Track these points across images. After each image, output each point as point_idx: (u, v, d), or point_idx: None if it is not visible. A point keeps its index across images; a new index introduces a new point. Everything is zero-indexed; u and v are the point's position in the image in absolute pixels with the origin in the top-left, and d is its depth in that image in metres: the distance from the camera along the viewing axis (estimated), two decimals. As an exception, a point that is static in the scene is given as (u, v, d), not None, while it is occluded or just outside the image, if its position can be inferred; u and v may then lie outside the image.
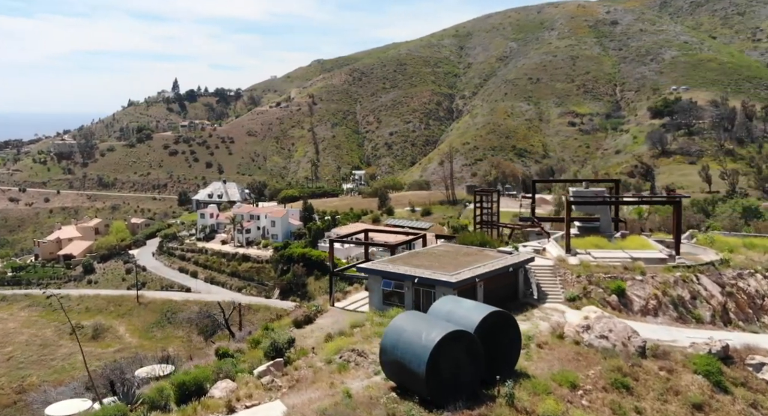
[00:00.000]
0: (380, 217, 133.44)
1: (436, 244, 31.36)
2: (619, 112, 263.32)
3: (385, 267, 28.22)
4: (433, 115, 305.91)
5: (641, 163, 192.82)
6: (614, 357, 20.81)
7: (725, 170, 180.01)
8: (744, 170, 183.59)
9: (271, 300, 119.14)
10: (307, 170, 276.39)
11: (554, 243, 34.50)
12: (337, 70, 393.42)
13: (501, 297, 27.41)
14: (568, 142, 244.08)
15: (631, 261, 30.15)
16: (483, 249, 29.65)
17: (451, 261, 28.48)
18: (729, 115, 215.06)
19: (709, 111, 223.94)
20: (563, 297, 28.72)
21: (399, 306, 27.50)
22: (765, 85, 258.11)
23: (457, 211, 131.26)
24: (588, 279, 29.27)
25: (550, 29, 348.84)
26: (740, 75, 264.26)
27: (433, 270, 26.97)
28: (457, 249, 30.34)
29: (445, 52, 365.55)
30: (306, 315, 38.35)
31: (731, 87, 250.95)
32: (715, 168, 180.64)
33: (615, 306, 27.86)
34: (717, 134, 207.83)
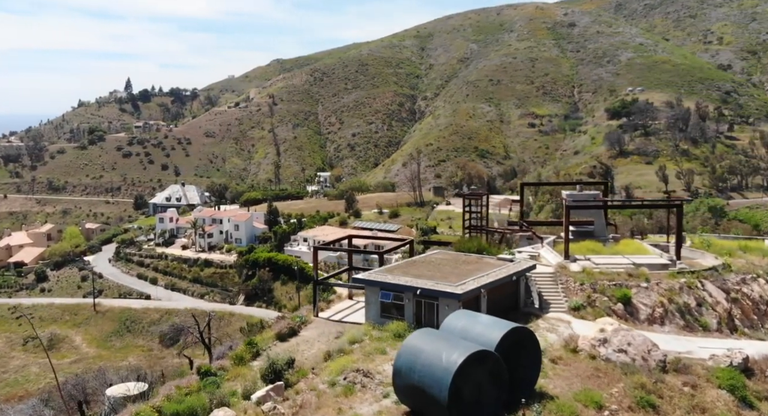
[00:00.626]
0: (347, 220, 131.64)
1: (433, 252, 30.02)
2: (577, 113, 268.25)
3: (384, 278, 26.61)
4: (395, 116, 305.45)
5: (600, 163, 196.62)
6: (636, 373, 19.81)
7: (681, 170, 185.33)
8: (699, 170, 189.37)
9: (236, 306, 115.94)
10: (269, 172, 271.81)
11: (548, 248, 33.56)
12: (297, 70, 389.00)
13: (503, 307, 26.23)
14: (529, 143, 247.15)
15: (634, 267, 29.39)
16: (482, 257, 28.47)
17: (452, 271, 27.12)
18: (683, 116, 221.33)
19: (664, 112, 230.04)
20: (566, 307, 27.74)
21: (399, 319, 25.96)
22: (716, 86, 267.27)
23: (425, 213, 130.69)
24: (592, 287, 28.37)
25: (510, 31, 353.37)
26: (693, 76, 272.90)
27: (435, 280, 25.52)
28: (455, 257, 29.03)
29: (406, 53, 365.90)
30: (290, 327, 36.33)
31: (685, 88, 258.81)
32: (672, 168, 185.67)
33: (621, 315, 26.96)
34: (672, 135, 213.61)
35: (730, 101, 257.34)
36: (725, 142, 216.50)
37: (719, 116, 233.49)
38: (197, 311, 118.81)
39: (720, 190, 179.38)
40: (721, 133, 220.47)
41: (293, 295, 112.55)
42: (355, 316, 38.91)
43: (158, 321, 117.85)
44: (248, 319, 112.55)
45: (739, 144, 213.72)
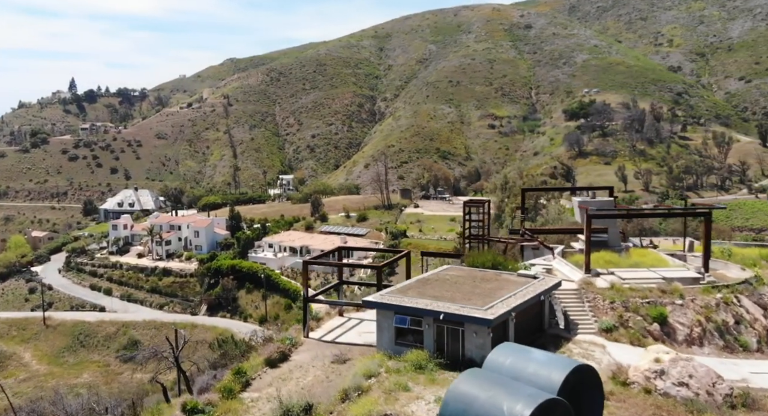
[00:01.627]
0: (314, 224, 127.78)
1: (445, 268, 27.24)
2: (535, 115, 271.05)
3: (399, 301, 23.56)
4: (355, 117, 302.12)
5: (561, 164, 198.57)
6: (705, 412, 17.52)
7: (639, 170, 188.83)
8: (656, 170, 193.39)
9: (198, 317, 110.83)
10: (226, 174, 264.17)
11: (562, 261, 31.29)
12: (252, 70, 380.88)
13: (527, 329, 23.70)
14: (489, 144, 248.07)
15: (665, 282, 27.27)
16: (500, 273, 25.95)
17: (472, 290, 24.38)
18: (639, 117, 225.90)
19: (620, 113, 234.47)
20: (596, 328, 25.32)
21: (417, 347, 23.01)
22: (668, 87, 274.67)
23: (394, 216, 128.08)
24: (623, 306, 25.98)
25: (467, 32, 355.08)
26: (646, 78, 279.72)
27: (459, 303, 22.70)
28: (471, 274, 26.35)
29: (365, 53, 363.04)
30: (281, 351, 32.88)
31: (638, 89, 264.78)
32: (630, 168, 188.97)
33: (657, 337, 24.77)
34: (629, 135, 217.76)
35: (681, 102, 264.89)
36: (679, 142, 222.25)
37: (673, 117, 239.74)
38: (157, 323, 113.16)
39: (677, 190, 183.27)
40: (674, 133, 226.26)
41: (259, 304, 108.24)
42: (349, 336, 35.77)
43: (114, 334, 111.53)
44: (212, 330, 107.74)
45: (692, 144, 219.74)
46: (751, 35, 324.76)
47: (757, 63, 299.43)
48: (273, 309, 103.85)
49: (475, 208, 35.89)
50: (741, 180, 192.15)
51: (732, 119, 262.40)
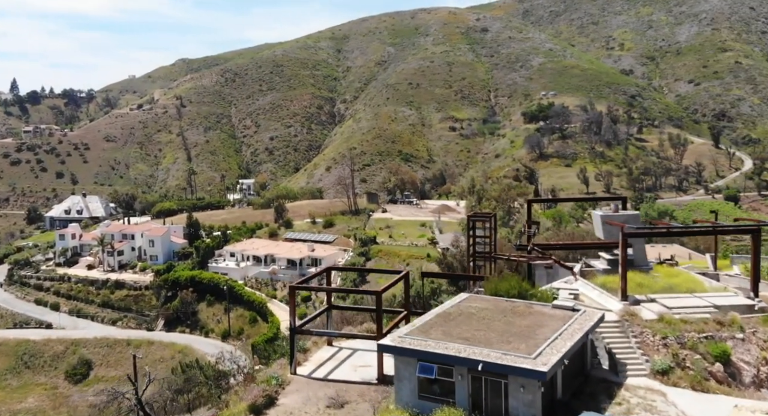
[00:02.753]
0: (278, 231, 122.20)
1: (463, 298, 23.31)
2: (494, 117, 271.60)
3: (424, 345, 19.36)
4: (315, 119, 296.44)
5: (525, 166, 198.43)
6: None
7: (600, 172, 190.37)
8: (616, 171, 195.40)
9: (155, 332, 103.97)
10: (180, 178, 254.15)
11: (587, 284, 27.76)
12: (206, 70, 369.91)
13: (570, 374, 19.97)
14: (450, 146, 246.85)
15: (718, 311, 24.01)
16: (532, 304, 22.30)
17: (507, 329, 20.47)
18: (596, 119, 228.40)
19: (578, 115, 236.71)
20: (648, 369, 21.76)
21: (447, 403, 18.91)
22: (622, 90, 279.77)
23: (362, 221, 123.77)
24: (678, 342, 22.70)
25: (425, 35, 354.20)
26: (600, 81, 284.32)
27: (497, 347, 18.71)
28: (497, 305, 22.53)
29: (322, 55, 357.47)
30: (266, 394, 28.33)
31: (594, 92, 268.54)
32: (591, 170, 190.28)
33: (721, 379, 21.43)
34: (588, 137, 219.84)
35: (635, 105, 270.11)
36: (636, 144, 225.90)
37: (629, 119, 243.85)
38: (110, 340, 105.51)
39: (637, 191, 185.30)
40: (631, 135, 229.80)
41: (222, 318, 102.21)
42: (344, 371, 31.43)
43: (63, 354, 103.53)
44: (170, 347, 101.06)
45: (648, 145, 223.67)
46: (697, 40, 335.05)
47: (705, 66, 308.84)
48: (237, 323, 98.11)
49: (480, 222, 32.21)
50: (697, 181, 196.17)
51: (684, 121, 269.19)
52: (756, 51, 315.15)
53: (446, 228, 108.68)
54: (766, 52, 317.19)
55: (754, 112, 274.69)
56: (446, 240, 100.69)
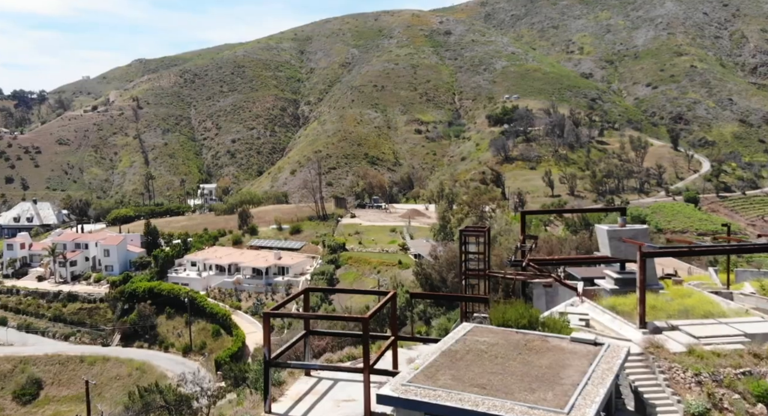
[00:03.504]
0: (242, 238, 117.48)
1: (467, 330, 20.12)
2: (459, 120, 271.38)
3: (434, 396, 16.21)
4: (278, 121, 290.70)
5: (491, 169, 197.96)
6: None
7: (565, 175, 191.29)
8: (579, 174, 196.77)
9: (111, 348, 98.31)
10: (137, 183, 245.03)
11: (596, 307, 25.11)
12: (164, 71, 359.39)
13: (594, 416, 17.40)
14: (416, 149, 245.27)
15: (750, 340, 21.54)
16: (546, 337, 19.47)
17: (526, 370, 17.51)
18: (559, 122, 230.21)
19: (541, 118, 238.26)
20: (681, 411, 19.19)
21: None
22: (583, 93, 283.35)
23: (330, 227, 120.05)
24: (713, 379, 20.44)
25: (389, 37, 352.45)
26: (562, 84, 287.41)
27: (520, 399, 15.78)
28: (507, 338, 19.58)
29: (285, 56, 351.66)
30: (241, 443, 24.92)
31: (556, 95, 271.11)
32: (556, 172, 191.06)
33: (764, 423, 19.12)
34: (551, 140, 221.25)
35: (595, 108, 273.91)
36: (598, 146, 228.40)
37: (590, 122, 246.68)
38: (62, 357, 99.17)
39: (600, 193, 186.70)
40: (593, 138, 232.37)
41: (182, 331, 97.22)
42: (325, 407, 28.12)
43: (11, 372, 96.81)
44: (128, 364, 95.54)
45: (610, 148, 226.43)
46: (654, 44, 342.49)
47: (662, 70, 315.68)
48: (198, 337, 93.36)
49: (474, 236, 29.42)
50: (658, 183, 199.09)
51: (643, 124, 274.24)
52: (710, 55, 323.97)
53: (417, 234, 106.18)
54: (719, 56, 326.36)
55: (710, 115, 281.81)
56: (417, 246, 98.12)
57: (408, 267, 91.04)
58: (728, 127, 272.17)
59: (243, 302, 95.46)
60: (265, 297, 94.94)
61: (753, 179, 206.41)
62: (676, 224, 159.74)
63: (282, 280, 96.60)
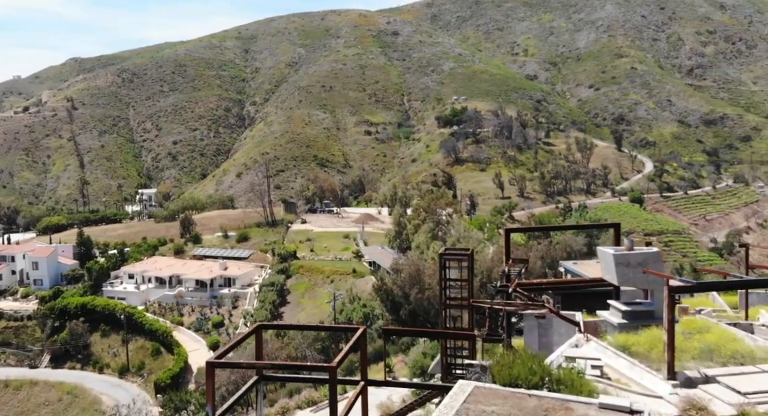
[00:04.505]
0: (184, 247, 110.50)
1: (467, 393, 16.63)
2: (409, 121, 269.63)
3: None
4: (222, 122, 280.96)
5: (443, 171, 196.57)
6: None
7: (514, 176, 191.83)
8: (528, 176, 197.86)
9: (39, 370, 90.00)
10: (71, 187, 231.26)
11: (605, 348, 21.44)
12: (100, 70, 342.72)
13: None
14: (366, 151, 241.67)
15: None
16: (568, 402, 15.75)
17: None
18: (507, 124, 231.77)
19: (490, 120, 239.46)
20: None
21: None
22: (528, 95, 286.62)
23: (280, 234, 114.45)
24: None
25: (336, 37, 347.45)
26: (508, 86, 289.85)
27: None
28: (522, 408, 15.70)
29: (229, 55, 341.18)
30: None
31: (503, 97, 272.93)
32: (506, 174, 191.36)
33: None
34: (500, 142, 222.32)
35: (541, 109, 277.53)
36: (545, 148, 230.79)
37: (537, 124, 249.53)
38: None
39: (549, 195, 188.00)
40: (539, 139, 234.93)
41: (119, 350, 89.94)
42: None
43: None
44: (58, 387, 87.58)
45: (556, 149, 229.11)
46: (595, 46, 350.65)
47: (603, 72, 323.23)
48: (136, 356, 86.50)
49: (456, 261, 25.43)
50: (604, 183, 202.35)
51: (587, 125, 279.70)
52: (648, 57, 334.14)
53: (371, 240, 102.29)
54: (657, 58, 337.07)
55: (650, 116, 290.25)
56: (372, 253, 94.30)
57: (363, 276, 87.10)
58: (668, 128, 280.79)
59: (185, 317, 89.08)
60: (209, 311, 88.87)
61: (694, 179, 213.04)
62: (624, 225, 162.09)
63: (228, 292, 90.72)
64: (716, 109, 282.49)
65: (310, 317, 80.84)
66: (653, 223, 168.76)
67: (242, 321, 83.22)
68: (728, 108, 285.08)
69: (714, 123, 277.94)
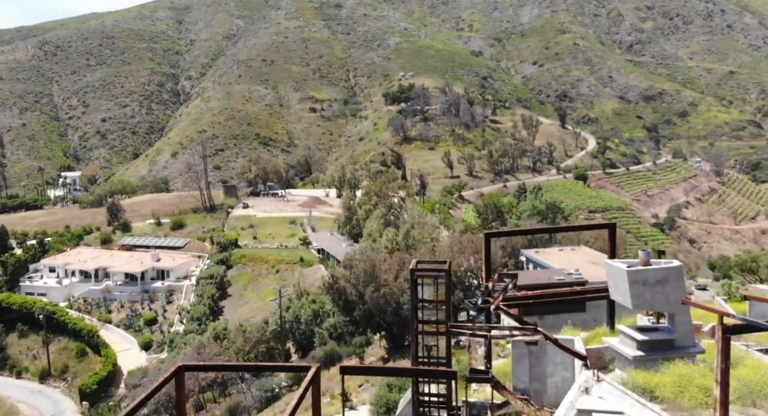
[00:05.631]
0: (112, 236, 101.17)
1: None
2: (355, 98, 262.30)
3: None
4: (155, 98, 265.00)
5: (392, 150, 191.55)
6: None
7: (463, 155, 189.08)
8: (477, 154, 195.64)
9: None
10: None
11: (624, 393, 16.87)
12: (20, 42, 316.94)
13: None
14: (312, 129, 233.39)
15: None
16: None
17: None
18: (455, 101, 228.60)
19: (437, 97, 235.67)
20: None
21: None
22: (474, 71, 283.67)
23: (219, 220, 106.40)
24: None
25: (276, 8, 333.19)
26: (454, 62, 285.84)
27: None
28: None
29: (161, 26, 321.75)
30: None
31: (449, 73, 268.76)
32: (455, 153, 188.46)
33: None
34: (448, 119, 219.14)
35: (487, 86, 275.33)
36: (491, 125, 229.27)
37: (484, 101, 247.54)
38: None
39: (497, 173, 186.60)
40: (486, 117, 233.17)
41: (39, 353, 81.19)
42: None
43: None
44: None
45: (503, 127, 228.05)
46: (539, 22, 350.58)
47: (547, 48, 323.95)
48: (59, 359, 78.19)
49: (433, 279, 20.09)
50: (549, 161, 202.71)
51: (531, 102, 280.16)
52: (590, 33, 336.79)
53: (319, 226, 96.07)
54: (598, 34, 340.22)
55: (592, 93, 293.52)
56: (321, 240, 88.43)
57: (311, 265, 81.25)
58: (609, 104, 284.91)
59: (114, 314, 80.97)
60: (141, 307, 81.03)
61: (635, 155, 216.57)
62: (568, 202, 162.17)
63: (162, 286, 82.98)
64: (655, 84, 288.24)
65: (253, 311, 74.68)
66: (597, 200, 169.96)
67: (177, 317, 76.09)
68: (666, 83, 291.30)
69: (653, 99, 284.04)
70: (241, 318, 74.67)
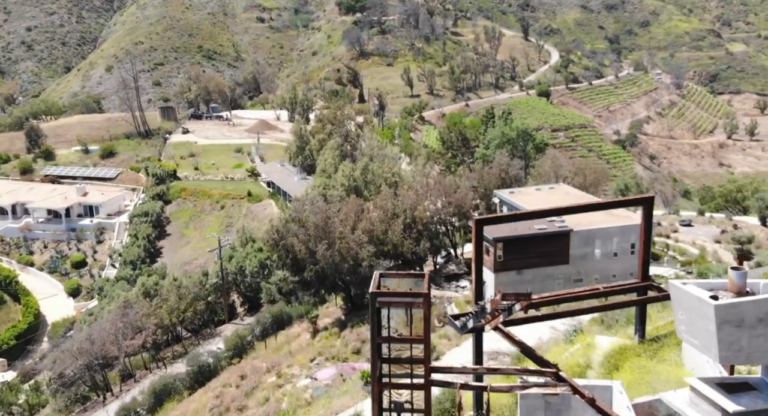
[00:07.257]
0: (33, 165, 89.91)
1: None
2: (307, 7, 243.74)
3: None
4: (85, 5, 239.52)
5: (347, 67, 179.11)
6: None
7: (424, 72, 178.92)
8: (438, 70, 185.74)
9: None
10: None
11: None
12: None
13: None
14: (260, 41, 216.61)
15: None
16: None
17: None
18: (414, 11, 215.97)
19: (395, 7, 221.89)
20: None
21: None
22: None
23: (156, 148, 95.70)
24: None
25: None
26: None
27: None
28: None
29: None
30: None
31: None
32: (414, 69, 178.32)
33: None
34: (407, 32, 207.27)
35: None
36: (452, 38, 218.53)
37: (445, 11, 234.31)
38: None
39: (459, 91, 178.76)
40: (447, 29, 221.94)
41: None
42: None
43: None
44: None
45: (464, 40, 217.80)
46: None
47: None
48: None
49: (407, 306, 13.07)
50: (512, 77, 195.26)
51: (493, 12, 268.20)
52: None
53: (269, 155, 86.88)
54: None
55: (554, 2, 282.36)
56: (270, 172, 80.00)
57: (260, 200, 73.42)
58: (571, 14, 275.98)
59: (36, 255, 72.23)
60: (67, 248, 72.40)
61: (597, 68, 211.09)
62: (531, 121, 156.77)
63: (90, 224, 74.02)
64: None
65: (195, 252, 67.39)
66: (560, 118, 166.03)
67: (109, 260, 68.14)
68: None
69: (615, 8, 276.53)
70: (182, 260, 67.47)
